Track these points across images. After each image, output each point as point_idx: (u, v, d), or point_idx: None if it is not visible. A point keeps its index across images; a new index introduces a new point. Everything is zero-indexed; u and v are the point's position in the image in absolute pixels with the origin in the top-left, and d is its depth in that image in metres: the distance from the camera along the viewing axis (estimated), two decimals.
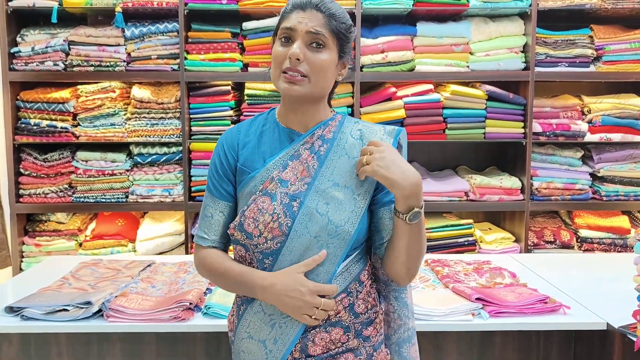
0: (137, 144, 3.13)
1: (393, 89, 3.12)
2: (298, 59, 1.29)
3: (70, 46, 3.05)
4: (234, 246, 1.42)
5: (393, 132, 1.41)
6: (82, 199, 3.11)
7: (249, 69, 3.10)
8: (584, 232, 3.22)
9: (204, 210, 1.44)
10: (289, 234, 1.32)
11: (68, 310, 1.87)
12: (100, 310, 1.89)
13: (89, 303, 1.89)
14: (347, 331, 1.35)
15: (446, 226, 3.17)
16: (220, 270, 1.39)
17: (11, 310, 1.88)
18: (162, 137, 3.07)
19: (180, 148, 3.10)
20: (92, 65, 3.05)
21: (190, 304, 1.90)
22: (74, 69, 3.05)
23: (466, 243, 3.17)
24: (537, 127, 3.14)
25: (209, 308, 1.90)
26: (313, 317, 1.30)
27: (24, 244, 3.14)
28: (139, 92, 3.09)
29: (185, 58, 3.05)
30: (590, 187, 3.23)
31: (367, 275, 1.40)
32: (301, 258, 1.32)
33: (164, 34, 3.06)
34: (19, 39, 3.08)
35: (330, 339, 1.34)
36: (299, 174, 1.35)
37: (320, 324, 1.33)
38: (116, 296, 1.95)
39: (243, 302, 1.41)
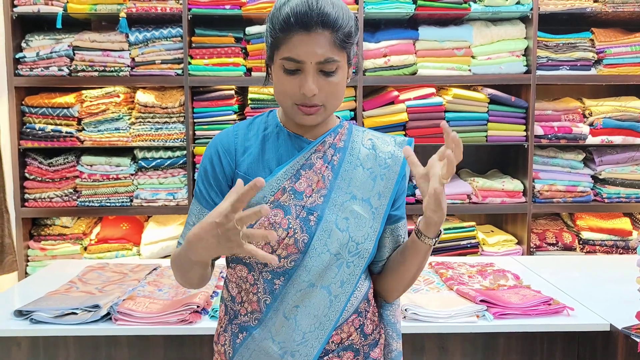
0: (142, 148, 3.15)
1: (395, 93, 3.14)
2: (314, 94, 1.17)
3: (75, 51, 3.07)
4: (232, 266, 1.29)
5: (403, 143, 1.35)
6: (86, 203, 3.12)
7: (253, 73, 3.12)
8: (585, 234, 3.24)
9: (189, 218, 1.29)
10: (306, 251, 1.21)
11: (76, 314, 1.89)
12: (108, 314, 1.90)
13: (97, 306, 1.91)
14: (357, 355, 1.29)
15: (449, 229, 3.18)
16: (172, 258, 1.25)
17: (20, 313, 1.90)
18: (166, 142, 3.09)
19: (184, 152, 3.11)
20: (96, 70, 3.07)
21: (198, 306, 1.92)
22: (79, 74, 3.07)
23: (469, 245, 3.18)
24: (538, 129, 3.16)
25: (216, 311, 1.92)
26: (245, 242, 1.02)
27: (29, 248, 3.15)
28: (143, 96, 3.11)
29: (189, 63, 3.07)
30: (592, 189, 3.25)
31: (372, 293, 1.34)
32: (319, 277, 1.22)
33: (168, 39, 3.08)
34: (23, 45, 3.10)
35: None
36: (314, 185, 1.24)
37: (334, 349, 1.26)
38: (124, 299, 1.97)
39: (242, 329, 1.26)
